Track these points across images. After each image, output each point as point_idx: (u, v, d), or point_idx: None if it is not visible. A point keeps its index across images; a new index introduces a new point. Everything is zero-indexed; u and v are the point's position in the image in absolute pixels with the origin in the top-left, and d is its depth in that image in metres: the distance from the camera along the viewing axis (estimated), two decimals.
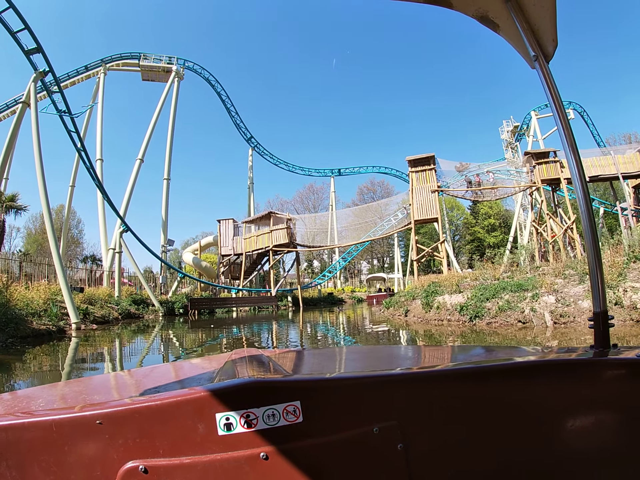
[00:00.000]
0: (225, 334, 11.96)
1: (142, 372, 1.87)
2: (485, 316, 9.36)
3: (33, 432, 0.83)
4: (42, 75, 16.56)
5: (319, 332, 11.63)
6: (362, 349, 3.44)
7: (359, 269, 62.72)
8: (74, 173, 33.05)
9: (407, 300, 13.13)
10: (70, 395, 1.37)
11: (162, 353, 8.29)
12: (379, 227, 34.08)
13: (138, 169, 28.01)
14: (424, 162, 28.31)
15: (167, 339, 11.18)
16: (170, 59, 34.86)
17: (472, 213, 60.57)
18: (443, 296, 11.15)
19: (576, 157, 1.24)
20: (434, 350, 2.11)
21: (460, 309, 9.91)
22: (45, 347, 8.68)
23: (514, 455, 0.93)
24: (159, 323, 16.86)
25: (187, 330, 14.19)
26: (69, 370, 6.02)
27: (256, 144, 41.25)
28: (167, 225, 29.18)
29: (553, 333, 7.87)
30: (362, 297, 38.83)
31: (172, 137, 31.97)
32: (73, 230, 52.12)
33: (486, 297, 9.80)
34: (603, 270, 1.20)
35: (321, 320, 16.40)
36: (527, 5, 1.16)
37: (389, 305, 15.07)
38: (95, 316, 14.11)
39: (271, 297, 27.78)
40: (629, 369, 0.98)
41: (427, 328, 9.70)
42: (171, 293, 24.34)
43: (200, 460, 0.82)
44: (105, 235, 26.00)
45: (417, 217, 27.50)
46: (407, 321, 11.68)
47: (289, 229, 28.54)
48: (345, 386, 0.90)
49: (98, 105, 31.13)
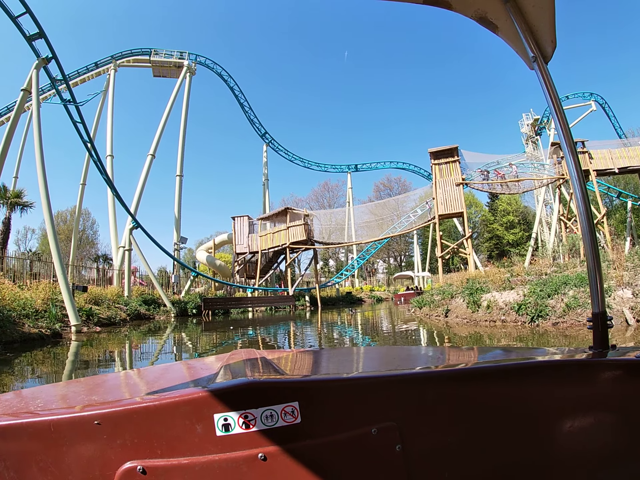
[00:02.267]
0: (246, 337, 10.68)
1: (141, 373, 1.81)
2: (550, 315, 7.86)
3: (32, 432, 0.82)
4: (44, 62, 15.54)
5: (347, 338, 10.24)
6: (363, 350, 3.28)
7: (375, 268, 61.06)
8: (84, 170, 32.58)
9: (444, 299, 11.64)
10: (69, 395, 1.35)
11: (170, 361, 6.99)
12: (397, 224, 32.70)
13: (149, 165, 27.06)
14: (447, 154, 26.68)
15: (178, 342, 9.96)
16: (181, 54, 33.98)
17: (490, 210, 58.80)
18: (491, 293, 9.65)
19: (575, 158, 1.21)
20: (434, 351, 2.09)
21: (518, 308, 8.40)
22: (28, 355, 7.38)
23: (513, 456, 0.92)
24: (171, 324, 15.72)
25: (201, 332, 13.00)
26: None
27: (270, 139, 40.14)
28: (179, 223, 28.16)
29: (636, 332, 6.52)
30: (381, 297, 37.43)
31: (185, 133, 31.04)
32: (88, 232, 52.51)
33: (547, 294, 8.29)
34: (602, 271, 1.19)
35: (346, 322, 14.98)
36: (526, 6, 1.18)
37: (421, 304, 13.56)
38: (100, 317, 12.96)
39: (288, 297, 26.48)
40: (628, 370, 0.96)
41: (478, 331, 8.22)
42: (184, 293, 23.19)
43: (198, 461, 0.81)
44: (115, 233, 25.11)
45: (441, 211, 25.88)
46: (449, 322, 10.17)
47: (306, 226, 27.23)
48: (344, 387, 0.90)
49: (108, 102, 30.58)
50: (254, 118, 38.94)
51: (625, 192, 34.10)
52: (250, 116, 38.74)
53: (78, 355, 7.63)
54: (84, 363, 6.71)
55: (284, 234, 27.81)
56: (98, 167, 18.45)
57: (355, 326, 12.82)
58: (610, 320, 1.17)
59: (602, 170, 27.24)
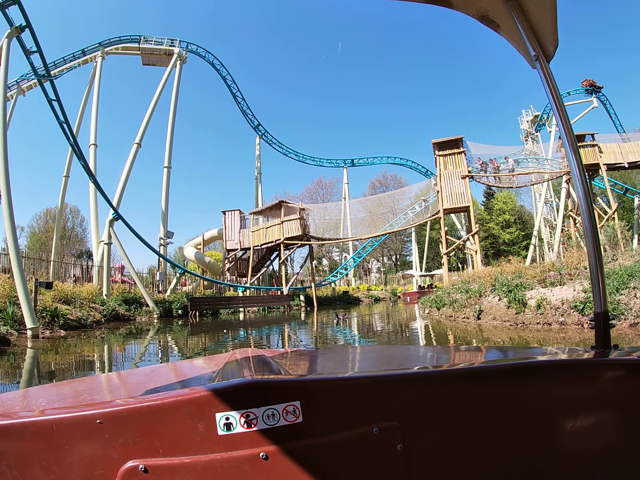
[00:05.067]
0: (240, 341, 8.93)
1: (143, 372, 1.78)
2: (626, 314, 6.28)
3: (34, 432, 0.82)
4: (18, 31, 13.62)
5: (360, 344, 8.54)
6: (365, 349, 3.14)
7: (369, 267, 59.54)
8: (68, 162, 30.49)
9: (470, 298, 10.00)
10: (71, 394, 1.32)
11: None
12: (395, 221, 31.24)
13: (135, 154, 24.98)
14: (452, 145, 25.15)
15: (155, 351, 8.20)
16: (172, 41, 32.03)
17: (486, 209, 58.08)
18: (537, 290, 8.06)
19: (577, 157, 1.22)
20: (436, 350, 2.08)
21: (583, 307, 6.79)
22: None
23: (514, 456, 0.92)
24: (154, 326, 13.89)
25: (187, 335, 11.25)
26: None
27: (264, 132, 38.32)
28: (167, 217, 26.08)
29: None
30: (379, 296, 35.86)
31: (174, 123, 29.01)
32: (77, 229, 50.60)
33: (615, 288, 6.71)
34: (604, 270, 1.19)
35: (352, 324, 13.30)
36: (527, 5, 1.18)
37: (440, 304, 11.88)
38: (68, 319, 11.00)
39: (283, 296, 24.68)
40: (629, 370, 0.96)
41: (536, 337, 6.58)
42: (169, 291, 21.24)
43: (200, 460, 0.81)
44: (97, 227, 23.06)
45: (446, 205, 24.34)
46: (483, 326, 8.50)
47: (302, 220, 25.48)
48: (345, 386, 0.89)
49: (94, 91, 28.65)
50: (247, 109, 37.15)
51: (633, 189, 33.00)
52: (243, 107, 36.93)
53: (15, 370, 5.79)
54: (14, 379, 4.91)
55: (278, 229, 26.02)
56: (74, 150, 16.52)
57: (366, 332, 11.14)
58: (613, 320, 1.15)
59: (612, 164, 26.15)
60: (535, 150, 34.15)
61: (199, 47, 33.72)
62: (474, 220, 24.32)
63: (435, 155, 25.39)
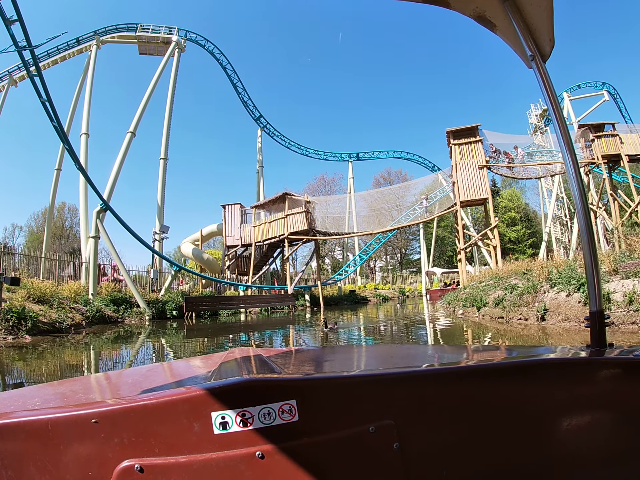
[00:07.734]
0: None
1: (139, 372, 1.77)
2: None
3: (29, 431, 0.81)
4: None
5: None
6: (361, 348, 3.02)
7: (373, 266, 57.85)
8: (60, 155, 28.96)
9: (525, 295, 8.26)
10: (66, 394, 1.29)
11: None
12: (402, 216, 29.57)
13: (129, 143, 23.27)
14: (468, 134, 23.39)
15: (144, 361, 6.52)
16: (170, 29, 30.31)
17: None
18: (621, 282, 6.36)
19: (572, 156, 1.20)
20: (433, 350, 2.05)
21: None
22: None
23: (511, 455, 0.91)
24: (144, 329, 12.19)
25: (182, 339, 9.54)
26: None
27: (266, 124, 36.67)
28: (163, 211, 24.36)
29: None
30: (387, 296, 34.34)
31: (171, 113, 27.23)
32: (75, 228, 50.08)
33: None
34: (599, 269, 1.16)
35: (367, 329, 11.57)
36: (524, 5, 1.17)
37: (478, 303, 10.13)
38: (38, 322, 9.28)
39: (287, 296, 22.97)
40: (625, 369, 0.95)
41: None
42: (164, 290, 19.49)
43: (196, 459, 0.80)
44: (86, 221, 21.43)
45: (463, 197, 22.60)
46: (549, 329, 6.77)
47: (307, 214, 23.72)
48: (341, 385, 0.89)
49: (87, 80, 27.06)
50: (248, 100, 35.52)
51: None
52: (244, 98, 35.29)
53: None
54: None
55: (282, 223, 24.28)
56: (58, 131, 14.77)
57: (405, 337, 9.39)
58: (608, 319, 1.14)
59: (634, 155, 24.58)
60: (544, 144, 32.70)
61: (198, 35, 32.11)
62: (492, 213, 22.55)
63: (449, 145, 23.70)
